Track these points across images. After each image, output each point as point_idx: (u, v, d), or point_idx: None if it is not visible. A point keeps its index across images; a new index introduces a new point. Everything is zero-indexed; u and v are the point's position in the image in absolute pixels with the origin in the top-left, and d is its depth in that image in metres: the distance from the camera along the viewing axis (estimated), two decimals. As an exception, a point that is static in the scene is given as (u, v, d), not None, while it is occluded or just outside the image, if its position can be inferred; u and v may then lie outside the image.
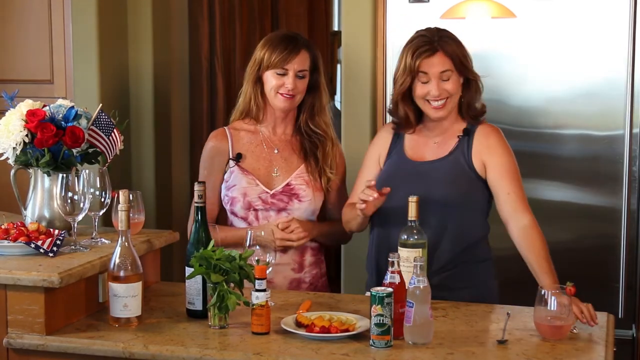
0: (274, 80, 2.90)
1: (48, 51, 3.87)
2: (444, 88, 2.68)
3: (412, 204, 2.45)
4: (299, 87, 2.91)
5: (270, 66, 2.90)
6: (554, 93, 3.55)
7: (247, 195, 2.91)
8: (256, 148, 2.97)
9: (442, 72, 2.68)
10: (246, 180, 2.92)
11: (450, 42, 2.70)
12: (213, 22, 4.38)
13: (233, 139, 2.98)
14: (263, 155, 2.96)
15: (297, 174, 2.94)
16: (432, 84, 2.68)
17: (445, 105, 2.70)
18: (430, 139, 2.77)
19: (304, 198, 2.92)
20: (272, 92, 2.91)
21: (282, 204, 2.91)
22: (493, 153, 2.71)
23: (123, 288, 2.35)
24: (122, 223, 2.38)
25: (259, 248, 2.52)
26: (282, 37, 2.96)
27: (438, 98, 2.69)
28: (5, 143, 2.68)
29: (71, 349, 2.30)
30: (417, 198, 2.46)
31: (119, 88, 3.94)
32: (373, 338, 2.20)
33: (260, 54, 2.93)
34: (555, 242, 3.58)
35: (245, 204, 2.91)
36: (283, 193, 2.91)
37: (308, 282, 2.96)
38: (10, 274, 2.34)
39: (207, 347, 2.23)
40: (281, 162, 2.96)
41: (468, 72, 2.72)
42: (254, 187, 2.92)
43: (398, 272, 2.26)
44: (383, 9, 3.64)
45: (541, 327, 2.29)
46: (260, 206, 2.91)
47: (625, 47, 3.44)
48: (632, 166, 3.47)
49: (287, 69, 2.89)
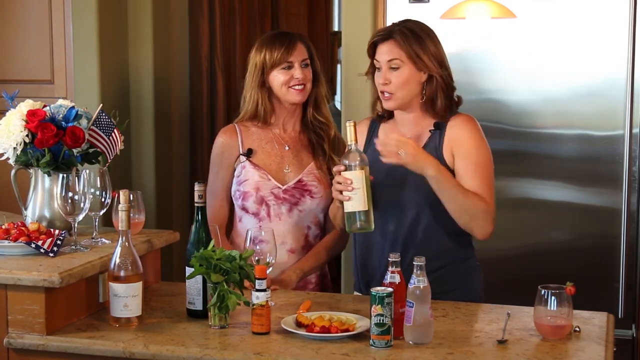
0: (282, 77, 2.91)
1: (48, 51, 3.88)
2: (388, 78, 2.64)
3: (350, 127, 2.53)
4: (307, 76, 2.94)
5: (275, 64, 2.91)
6: (554, 93, 3.55)
7: (259, 189, 2.91)
8: (267, 145, 2.98)
9: (389, 60, 2.64)
10: (258, 174, 2.92)
11: (406, 33, 2.64)
12: (213, 22, 4.39)
13: (243, 134, 2.98)
14: (274, 152, 2.97)
15: (308, 171, 2.95)
16: (381, 73, 2.67)
17: (392, 97, 2.66)
18: (404, 133, 2.71)
19: (316, 194, 2.93)
20: (283, 89, 2.92)
21: (294, 200, 2.91)
22: (461, 144, 2.65)
23: (123, 288, 2.35)
24: (123, 223, 2.38)
25: (259, 248, 2.53)
26: (276, 35, 2.99)
27: (384, 88, 2.65)
28: (6, 143, 2.69)
29: (71, 349, 2.30)
30: (354, 122, 2.54)
31: (119, 88, 3.94)
32: (373, 338, 2.20)
33: (259, 57, 2.94)
34: (555, 242, 3.60)
35: (257, 198, 2.91)
36: (295, 189, 2.92)
37: (314, 282, 2.97)
38: (11, 273, 2.34)
39: (208, 347, 2.23)
40: (292, 158, 2.97)
41: (425, 67, 2.64)
42: (266, 182, 2.92)
43: (398, 272, 2.26)
44: (383, 9, 3.65)
45: (541, 327, 2.29)
46: (273, 201, 2.91)
47: (625, 47, 3.45)
48: (632, 166, 3.48)
49: (291, 62, 2.91)
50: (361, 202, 2.51)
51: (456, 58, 3.44)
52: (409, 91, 2.66)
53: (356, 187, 2.51)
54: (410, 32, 2.65)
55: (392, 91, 2.66)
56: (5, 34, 3.92)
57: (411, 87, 2.66)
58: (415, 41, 2.64)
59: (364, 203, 2.52)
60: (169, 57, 4.10)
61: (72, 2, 3.80)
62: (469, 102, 2.88)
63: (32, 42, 3.89)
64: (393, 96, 2.66)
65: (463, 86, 2.97)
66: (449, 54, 2.73)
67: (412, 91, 2.67)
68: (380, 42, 2.67)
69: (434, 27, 2.73)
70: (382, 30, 2.70)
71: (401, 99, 2.67)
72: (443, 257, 2.66)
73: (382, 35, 2.67)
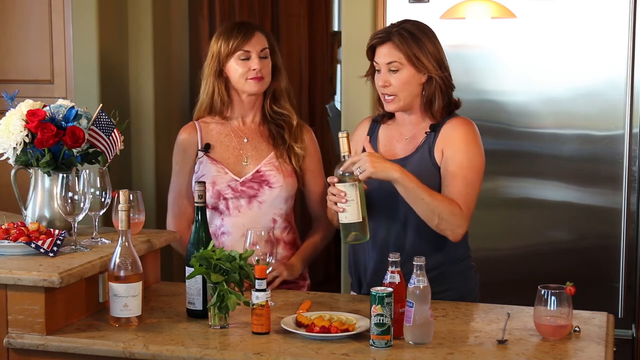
0: (239, 68, 2.89)
1: (48, 51, 3.88)
2: (388, 80, 2.64)
3: (343, 139, 2.54)
4: (266, 67, 2.91)
5: (231, 53, 2.89)
6: (554, 93, 3.54)
7: (216, 184, 2.90)
8: (225, 138, 2.97)
9: (388, 63, 2.63)
10: (215, 169, 2.91)
11: (405, 35, 2.63)
12: (213, 22, 4.39)
13: (202, 131, 2.98)
14: (232, 145, 2.96)
15: (267, 161, 2.93)
16: (380, 75, 2.66)
17: (394, 100, 2.66)
18: (403, 134, 2.73)
19: (275, 184, 2.91)
20: (241, 80, 2.90)
21: (252, 192, 2.90)
22: (450, 146, 2.64)
23: (123, 288, 2.35)
24: (123, 223, 2.38)
25: (259, 247, 2.53)
26: (233, 25, 2.97)
27: (384, 90, 2.65)
28: (6, 143, 2.69)
29: (71, 349, 2.30)
30: (347, 133, 2.55)
31: (119, 88, 3.94)
32: (373, 338, 2.20)
33: (216, 46, 2.94)
34: (555, 242, 3.60)
35: (214, 193, 2.90)
36: (253, 180, 2.91)
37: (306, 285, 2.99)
38: (11, 273, 2.34)
39: (207, 347, 2.23)
40: (251, 150, 2.96)
41: (424, 68, 2.63)
42: (222, 176, 2.91)
43: (398, 272, 2.26)
44: (383, 9, 3.64)
45: (541, 327, 2.29)
46: (230, 194, 2.89)
47: (625, 47, 3.44)
48: (632, 166, 3.47)
49: (248, 51, 2.89)
50: (355, 213, 2.52)
51: (456, 58, 3.43)
52: (409, 92, 2.66)
53: (350, 198, 2.51)
54: (409, 33, 2.64)
55: (393, 93, 2.65)
56: (5, 35, 3.92)
57: (411, 89, 2.66)
58: (414, 43, 2.63)
59: (358, 214, 2.52)
60: (169, 57, 4.10)
61: (72, 3, 3.79)
62: (469, 102, 2.88)
63: (32, 42, 3.89)
64: (395, 98, 2.66)
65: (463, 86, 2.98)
66: (449, 54, 2.73)
67: (413, 92, 2.66)
68: (379, 45, 2.66)
69: (434, 27, 2.73)
70: (380, 33, 2.69)
71: (402, 101, 2.67)
72: (436, 259, 2.64)
73: (380, 38, 2.66)
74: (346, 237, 2.57)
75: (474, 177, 2.64)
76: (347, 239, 2.57)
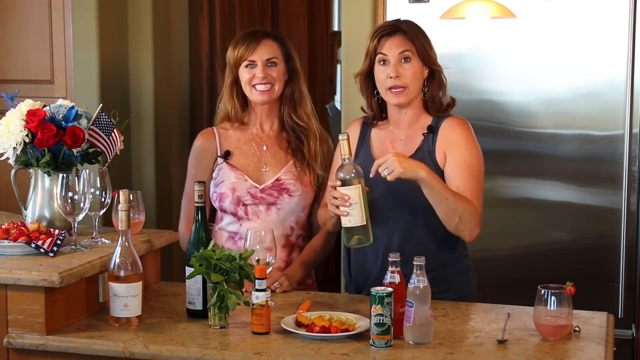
0: (246, 75, 2.89)
1: (48, 51, 3.88)
2: (399, 71, 2.61)
3: (343, 141, 2.49)
4: (272, 76, 2.89)
5: (238, 61, 2.90)
6: (554, 93, 3.55)
7: (236, 190, 2.90)
8: (244, 145, 2.96)
9: (401, 52, 2.61)
10: (235, 175, 2.91)
11: (413, 27, 2.65)
12: (213, 22, 4.39)
13: (221, 137, 2.97)
14: (252, 152, 2.95)
15: (286, 169, 2.93)
16: (390, 66, 2.62)
17: (404, 92, 2.63)
18: (397, 135, 2.71)
19: (294, 193, 2.91)
20: (247, 88, 2.90)
21: (271, 199, 2.90)
22: (453, 146, 2.63)
23: (123, 288, 2.35)
24: (122, 223, 2.38)
25: (259, 247, 2.53)
26: (244, 33, 2.97)
27: (396, 81, 2.61)
28: (6, 143, 2.69)
29: (71, 349, 2.30)
30: (347, 135, 2.50)
31: (119, 88, 3.94)
32: (373, 338, 2.20)
33: (228, 55, 2.95)
34: (555, 242, 3.60)
35: (234, 199, 2.90)
36: (273, 188, 2.90)
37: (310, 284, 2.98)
38: (11, 273, 2.34)
39: (207, 347, 2.23)
40: (270, 158, 2.95)
41: (431, 61, 2.64)
42: (242, 182, 2.90)
43: (398, 272, 2.26)
44: (383, 9, 3.64)
45: (541, 327, 2.29)
46: (250, 201, 2.89)
47: (625, 47, 3.44)
48: (632, 166, 3.47)
49: (254, 60, 2.88)
50: (359, 217, 2.48)
51: (456, 58, 3.44)
52: (418, 85, 2.66)
53: (353, 202, 2.47)
54: (416, 27, 2.67)
55: (405, 85, 2.63)
56: (5, 34, 3.93)
57: (419, 82, 2.66)
58: (422, 35, 2.66)
59: (362, 218, 2.48)
60: (169, 57, 4.10)
61: (72, 2, 3.80)
62: (469, 101, 2.88)
63: (32, 42, 3.89)
64: (405, 90, 2.63)
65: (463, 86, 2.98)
66: (449, 54, 2.74)
67: (419, 86, 2.67)
68: (388, 36, 2.64)
69: (434, 27, 2.74)
70: (387, 25, 2.68)
71: (413, 93, 2.65)
72: (436, 259, 2.63)
73: (390, 29, 2.65)
74: (349, 241, 2.52)
75: (479, 176, 2.65)
76: (350, 243, 2.52)
